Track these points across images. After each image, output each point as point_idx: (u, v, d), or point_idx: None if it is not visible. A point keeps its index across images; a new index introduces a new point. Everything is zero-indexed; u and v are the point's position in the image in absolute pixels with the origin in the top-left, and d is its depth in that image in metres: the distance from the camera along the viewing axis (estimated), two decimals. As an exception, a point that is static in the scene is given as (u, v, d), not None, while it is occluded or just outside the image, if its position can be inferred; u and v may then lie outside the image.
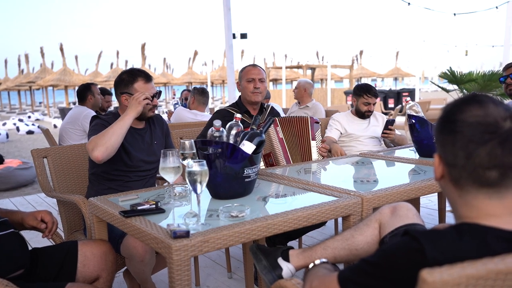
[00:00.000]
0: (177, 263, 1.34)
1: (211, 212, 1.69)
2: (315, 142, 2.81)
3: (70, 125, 4.52)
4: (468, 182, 0.96)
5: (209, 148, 1.83)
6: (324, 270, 1.26)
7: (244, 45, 29.51)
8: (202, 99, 4.85)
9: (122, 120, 2.21)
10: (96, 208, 1.84)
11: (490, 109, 0.95)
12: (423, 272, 0.78)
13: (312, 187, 2.01)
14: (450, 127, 0.98)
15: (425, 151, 2.71)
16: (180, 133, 3.14)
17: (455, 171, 0.98)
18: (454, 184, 0.99)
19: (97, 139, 2.15)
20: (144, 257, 1.97)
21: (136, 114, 2.25)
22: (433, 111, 10.67)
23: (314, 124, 2.83)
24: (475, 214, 0.97)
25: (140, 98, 2.24)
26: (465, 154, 0.95)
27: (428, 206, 4.28)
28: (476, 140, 0.93)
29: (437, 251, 0.89)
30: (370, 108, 3.57)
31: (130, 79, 2.36)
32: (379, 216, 1.61)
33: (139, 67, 2.55)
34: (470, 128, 0.94)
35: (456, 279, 0.78)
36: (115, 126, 2.19)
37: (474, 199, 0.97)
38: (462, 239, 0.92)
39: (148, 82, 2.37)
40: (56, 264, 1.70)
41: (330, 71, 17.68)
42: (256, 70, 2.82)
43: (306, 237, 3.22)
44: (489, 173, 0.94)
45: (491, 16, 16.16)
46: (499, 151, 0.92)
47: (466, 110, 0.96)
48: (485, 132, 0.93)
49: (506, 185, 0.95)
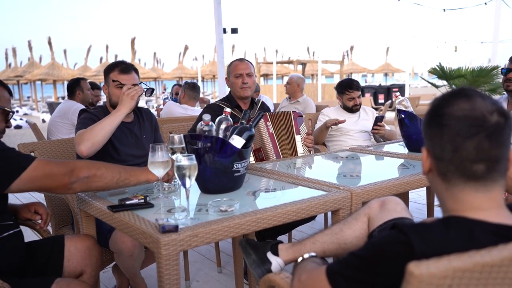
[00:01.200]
0: (165, 258, 1.33)
1: (200, 206, 1.68)
2: (300, 136, 2.80)
3: (59, 118, 4.49)
4: (456, 176, 0.97)
5: (198, 142, 1.82)
6: (312, 264, 1.26)
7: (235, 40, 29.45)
8: (192, 94, 4.84)
9: (113, 116, 2.19)
10: (84, 203, 1.82)
11: (477, 103, 0.95)
12: (410, 265, 0.79)
13: (301, 181, 2.01)
14: (438, 120, 0.98)
15: (414, 145, 2.73)
16: (170, 127, 3.12)
17: (442, 164, 0.98)
18: (442, 177, 1.00)
19: (85, 133, 2.14)
20: (133, 251, 1.97)
21: (129, 110, 2.24)
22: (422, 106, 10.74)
23: (298, 118, 2.82)
24: (462, 207, 0.97)
25: (132, 93, 2.23)
26: (453, 148, 0.95)
27: (417, 200, 4.32)
28: (463, 134, 0.94)
29: (424, 244, 0.89)
30: (355, 102, 3.60)
31: (108, 70, 2.38)
32: (368, 210, 1.62)
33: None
34: (458, 121, 0.95)
35: (442, 272, 0.79)
36: (105, 121, 2.17)
37: (461, 193, 0.97)
38: (449, 232, 0.92)
39: (123, 73, 2.34)
40: (42, 258, 1.69)
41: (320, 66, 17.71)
42: (243, 64, 2.80)
43: (295, 231, 3.23)
44: (476, 167, 0.94)
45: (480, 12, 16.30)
46: (486, 144, 0.93)
47: (454, 103, 0.97)
48: (472, 126, 0.93)
49: (493, 178, 0.96)
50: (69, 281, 1.54)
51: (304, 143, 2.82)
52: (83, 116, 2.32)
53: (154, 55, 31.30)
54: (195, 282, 2.77)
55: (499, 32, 9.75)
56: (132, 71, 2.38)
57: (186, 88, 4.86)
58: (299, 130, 2.81)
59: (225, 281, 2.77)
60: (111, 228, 2.00)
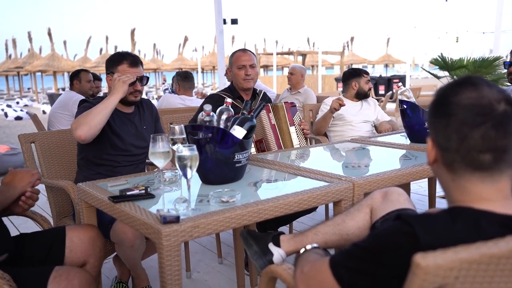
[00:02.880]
0: (167, 249, 1.32)
1: (202, 197, 1.67)
2: (294, 127, 2.77)
3: (60, 109, 4.47)
4: (462, 166, 0.95)
5: (199, 133, 1.81)
6: (315, 255, 1.25)
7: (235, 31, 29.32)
8: (186, 84, 4.79)
9: (107, 100, 2.19)
10: (85, 194, 1.81)
11: (484, 91, 0.93)
12: (417, 256, 0.78)
13: (303, 172, 1.99)
14: (444, 109, 0.96)
15: (416, 136, 2.71)
16: (170, 118, 3.10)
17: (448, 154, 0.97)
18: (447, 168, 0.98)
19: (81, 118, 2.14)
20: (134, 242, 1.96)
21: (122, 94, 2.23)
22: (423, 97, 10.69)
23: (291, 109, 2.79)
24: (468, 198, 0.96)
25: (124, 78, 2.23)
26: (459, 137, 0.93)
27: (418, 192, 4.31)
28: (469, 123, 0.92)
29: (430, 235, 0.88)
30: (370, 86, 3.69)
31: (116, 60, 2.35)
32: (370, 201, 1.60)
33: (131, 52, 2.51)
34: (464, 110, 0.93)
35: (449, 263, 0.77)
36: (100, 106, 2.17)
37: (467, 183, 0.96)
38: (455, 223, 0.91)
39: (132, 66, 2.33)
40: (43, 249, 1.68)
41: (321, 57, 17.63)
42: (246, 56, 2.77)
43: (296, 222, 3.22)
44: (482, 157, 0.92)
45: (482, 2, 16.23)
46: (493, 134, 0.91)
47: (460, 92, 0.95)
48: (479, 115, 0.91)
49: (500, 169, 0.94)
50: (69, 268, 1.53)
51: (300, 130, 2.79)
52: (83, 105, 2.31)
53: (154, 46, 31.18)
54: (196, 273, 2.77)
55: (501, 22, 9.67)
56: (139, 63, 2.38)
57: (179, 80, 4.83)
58: (293, 120, 2.78)
59: (226, 272, 2.77)
60: (112, 219, 1.99)
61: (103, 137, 2.23)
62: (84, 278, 1.48)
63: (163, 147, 1.67)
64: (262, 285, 1.34)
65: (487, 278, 0.81)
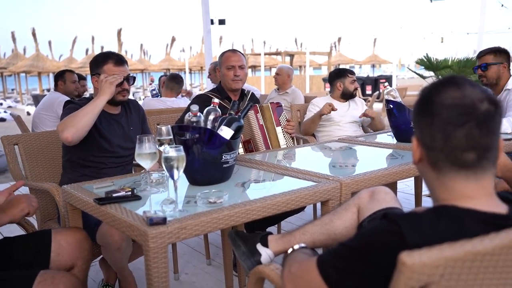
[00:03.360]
0: (153, 251, 1.31)
1: (189, 198, 1.66)
2: (280, 128, 2.77)
3: (45, 111, 4.41)
4: (446, 164, 0.96)
5: (187, 133, 1.80)
6: (303, 255, 1.25)
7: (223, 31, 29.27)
8: (170, 84, 4.77)
9: (94, 101, 2.17)
10: (70, 196, 1.79)
11: (467, 91, 0.94)
12: (403, 254, 0.78)
13: (291, 172, 2.00)
14: (428, 109, 0.97)
15: (402, 136, 2.73)
16: (157, 119, 3.08)
17: (433, 153, 0.97)
18: (432, 166, 0.99)
19: (68, 120, 2.11)
20: (120, 245, 1.94)
21: (109, 95, 2.20)
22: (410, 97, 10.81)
23: (277, 109, 2.79)
24: (453, 196, 0.97)
25: (111, 79, 2.20)
26: (443, 136, 0.94)
27: (405, 190, 4.34)
28: (453, 122, 0.93)
29: (415, 233, 0.89)
30: (356, 86, 3.67)
31: (101, 60, 2.31)
32: (357, 201, 1.61)
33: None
34: (448, 110, 0.94)
35: (434, 262, 0.78)
36: (87, 107, 2.15)
37: (451, 181, 0.97)
38: (440, 221, 0.92)
39: (118, 65, 2.31)
40: (28, 253, 1.65)
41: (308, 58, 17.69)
42: (236, 56, 2.76)
43: (284, 222, 3.23)
44: (466, 155, 0.94)
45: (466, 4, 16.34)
46: (477, 132, 0.92)
47: (443, 92, 0.96)
48: (463, 114, 0.93)
49: (483, 167, 0.95)
50: (54, 272, 1.50)
51: (285, 131, 2.79)
52: (69, 106, 2.28)
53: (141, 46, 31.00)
54: (184, 275, 2.76)
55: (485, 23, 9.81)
56: (125, 62, 2.36)
57: (166, 80, 4.86)
58: (279, 121, 2.78)
59: (214, 273, 2.76)
60: (98, 221, 1.97)
61: (89, 139, 2.21)
62: (70, 282, 1.46)
63: (150, 148, 1.66)
64: (250, 286, 1.33)
65: (472, 276, 0.82)
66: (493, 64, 3.06)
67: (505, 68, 3.07)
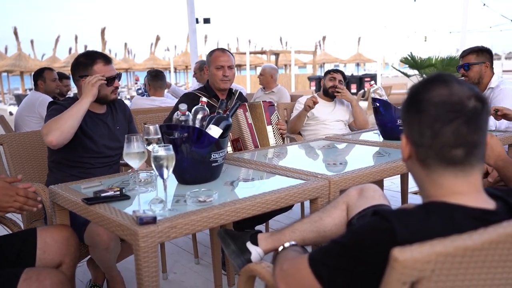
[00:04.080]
0: (144, 250, 1.31)
1: (178, 197, 1.66)
2: (271, 127, 2.78)
3: (26, 112, 4.33)
4: (435, 161, 0.97)
5: (175, 132, 1.79)
6: (294, 253, 1.25)
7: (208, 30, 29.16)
8: (157, 83, 4.69)
9: (78, 104, 2.14)
10: (57, 196, 1.77)
11: (455, 88, 0.96)
12: (394, 250, 0.79)
13: (279, 170, 2.00)
14: (416, 106, 0.98)
15: (389, 134, 2.76)
16: (144, 118, 3.06)
17: (422, 150, 0.99)
18: (421, 163, 1.00)
19: (52, 123, 2.08)
20: (108, 244, 1.92)
21: (93, 97, 2.17)
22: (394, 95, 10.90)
23: (269, 108, 2.80)
24: (442, 193, 0.98)
25: (93, 81, 2.17)
26: (431, 133, 0.96)
27: (391, 188, 4.39)
28: (441, 119, 0.94)
29: (406, 230, 0.90)
30: (334, 83, 3.63)
31: (88, 62, 2.27)
32: (346, 198, 1.63)
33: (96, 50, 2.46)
34: (436, 107, 0.95)
35: (426, 257, 0.79)
36: (72, 110, 2.12)
37: (440, 178, 0.98)
38: (430, 217, 0.93)
39: (107, 64, 2.29)
40: (13, 252, 1.62)
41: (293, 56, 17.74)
42: (225, 56, 2.76)
43: (272, 221, 3.23)
44: (455, 152, 0.95)
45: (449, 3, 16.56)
46: (465, 129, 0.94)
47: (431, 89, 0.97)
48: (451, 111, 0.94)
49: (471, 163, 0.97)
50: (40, 269, 1.48)
51: (278, 128, 2.79)
52: (53, 108, 2.25)
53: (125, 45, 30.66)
54: (172, 274, 2.75)
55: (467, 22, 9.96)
56: (112, 60, 2.35)
57: (149, 80, 4.71)
58: (270, 120, 2.78)
59: (203, 272, 2.75)
60: (86, 221, 1.95)
61: (75, 139, 2.18)
62: (56, 278, 1.44)
63: (138, 148, 1.64)
64: (241, 284, 1.34)
65: (462, 270, 0.83)
66: (475, 64, 3.11)
67: (487, 67, 3.12)
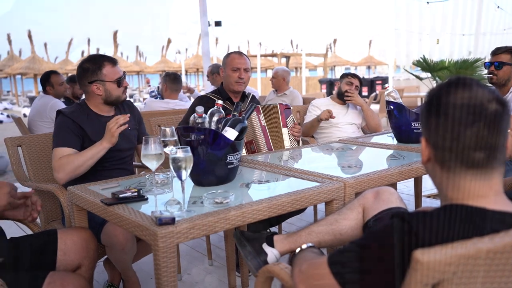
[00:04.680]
0: (162, 250, 1.32)
1: (195, 199, 1.67)
2: (287, 129, 2.79)
3: (38, 117, 4.34)
4: (456, 164, 0.98)
5: (192, 134, 1.81)
6: (312, 254, 1.26)
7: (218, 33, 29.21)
8: (175, 86, 4.67)
9: (96, 148, 2.12)
10: (76, 197, 1.79)
11: (476, 92, 0.96)
12: (417, 252, 0.79)
13: (294, 173, 2.01)
14: (437, 109, 0.99)
15: (403, 136, 2.75)
16: (159, 120, 3.09)
17: (442, 153, 0.99)
18: (441, 166, 1.00)
19: (67, 165, 2.09)
20: (125, 245, 1.95)
21: (112, 145, 2.15)
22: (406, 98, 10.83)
23: (285, 110, 2.81)
24: (462, 195, 0.98)
25: (113, 129, 2.10)
26: (452, 136, 0.96)
27: (404, 191, 4.37)
28: (463, 122, 0.95)
29: (427, 232, 0.90)
30: (351, 88, 3.60)
31: (96, 66, 2.27)
32: (362, 201, 1.63)
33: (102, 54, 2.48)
34: (457, 110, 0.95)
35: (448, 259, 0.80)
36: (88, 154, 2.11)
37: (461, 181, 0.98)
38: (451, 220, 0.93)
39: (114, 65, 2.31)
40: (35, 253, 1.66)
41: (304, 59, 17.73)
42: (242, 59, 2.77)
43: (285, 223, 3.23)
44: (476, 155, 0.95)
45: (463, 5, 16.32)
46: (486, 132, 0.94)
47: (452, 92, 0.97)
48: (472, 114, 0.94)
49: (492, 166, 0.97)
50: (63, 274, 1.51)
51: (291, 133, 2.80)
52: (59, 123, 2.23)
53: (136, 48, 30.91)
54: (186, 275, 2.76)
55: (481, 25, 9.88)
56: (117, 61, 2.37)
57: (167, 81, 4.69)
58: (286, 122, 2.80)
59: (216, 274, 2.77)
60: (103, 221, 1.98)
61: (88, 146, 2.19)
62: (78, 283, 1.47)
63: (156, 149, 1.67)
64: (258, 285, 1.35)
65: (483, 273, 0.84)
66: (508, 64, 3.03)
67: None
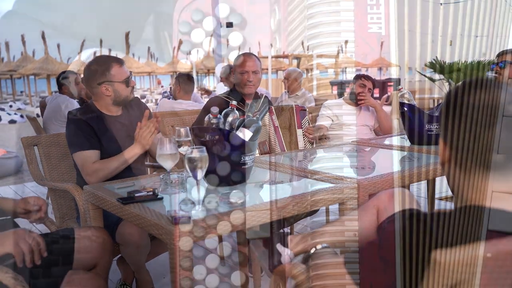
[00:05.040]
0: (179, 249, 1.34)
1: (209, 199, 1.68)
2: (301, 130, 2.80)
3: (53, 118, 4.36)
4: (474, 166, 0.97)
5: (206, 135, 1.82)
6: (327, 255, 1.27)
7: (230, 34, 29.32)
8: (188, 87, 4.66)
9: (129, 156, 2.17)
10: (92, 196, 1.82)
11: (496, 93, 0.96)
12: (436, 253, 0.80)
13: (307, 173, 2.01)
14: (456, 111, 0.98)
15: (417, 138, 2.73)
16: (172, 121, 3.11)
17: (461, 155, 0.99)
18: (460, 167, 1.00)
19: (101, 170, 2.13)
20: (139, 244, 1.97)
21: (144, 150, 2.19)
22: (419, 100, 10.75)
23: (300, 112, 2.82)
24: (481, 197, 0.98)
25: (147, 137, 2.15)
26: (471, 138, 0.96)
27: (417, 194, 4.34)
28: (482, 124, 0.94)
29: (446, 233, 0.90)
30: (364, 91, 3.57)
31: (104, 67, 2.25)
32: (376, 202, 1.62)
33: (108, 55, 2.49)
34: (476, 111, 0.95)
35: (467, 260, 0.79)
36: (121, 160, 2.15)
37: (479, 182, 0.98)
38: (469, 221, 0.93)
39: (122, 65, 2.31)
40: (52, 251, 1.68)
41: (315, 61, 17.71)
42: (250, 61, 2.76)
43: (296, 224, 3.23)
44: (495, 156, 0.95)
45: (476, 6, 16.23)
46: (505, 134, 0.94)
47: (472, 93, 0.97)
48: (491, 115, 0.94)
49: (511, 168, 0.96)
50: (82, 274, 1.53)
51: (305, 134, 2.81)
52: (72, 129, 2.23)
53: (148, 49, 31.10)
54: (198, 275, 2.77)
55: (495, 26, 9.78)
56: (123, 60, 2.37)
57: (180, 82, 4.67)
58: (301, 124, 2.81)
59: (228, 274, 2.77)
60: (118, 220, 2.00)
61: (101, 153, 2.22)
62: (97, 283, 1.49)
63: (171, 149, 1.68)
64: (273, 285, 1.35)
65: (503, 274, 0.83)
66: None
67: None
